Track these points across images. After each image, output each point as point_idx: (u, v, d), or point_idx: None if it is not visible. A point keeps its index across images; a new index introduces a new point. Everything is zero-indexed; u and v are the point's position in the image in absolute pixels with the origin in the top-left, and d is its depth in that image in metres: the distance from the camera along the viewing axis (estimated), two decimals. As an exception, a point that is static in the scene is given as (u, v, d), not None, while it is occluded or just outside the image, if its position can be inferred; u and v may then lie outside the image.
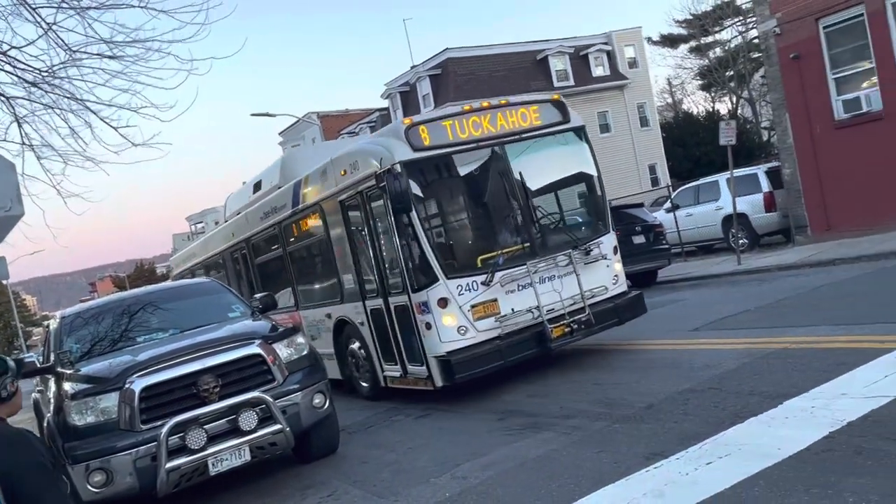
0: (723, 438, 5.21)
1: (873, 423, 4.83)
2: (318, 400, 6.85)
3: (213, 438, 6.14)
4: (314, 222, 10.14)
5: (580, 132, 9.04)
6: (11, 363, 3.18)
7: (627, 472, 5.03)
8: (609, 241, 8.90)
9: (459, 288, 7.86)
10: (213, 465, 6.10)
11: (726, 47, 42.02)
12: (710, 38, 42.69)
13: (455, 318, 7.83)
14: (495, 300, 8.00)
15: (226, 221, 14.41)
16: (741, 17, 40.43)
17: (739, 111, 43.39)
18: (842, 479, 4.17)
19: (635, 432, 5.81)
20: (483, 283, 7.92)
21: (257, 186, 12.98)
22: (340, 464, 7.17)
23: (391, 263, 8.41)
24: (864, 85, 14.08)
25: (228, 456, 6.18)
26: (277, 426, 6.36)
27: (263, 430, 6.31)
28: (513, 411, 7.29)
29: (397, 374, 8.70)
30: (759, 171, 17.74)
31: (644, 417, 6.09)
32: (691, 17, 42.50)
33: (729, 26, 41.74)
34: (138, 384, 6.08)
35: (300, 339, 7.14)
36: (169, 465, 5.91)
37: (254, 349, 6.55)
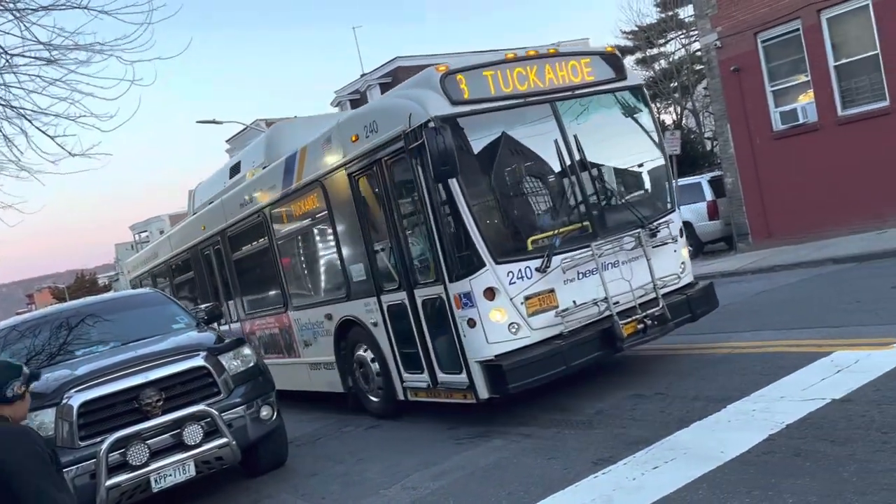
0: (668, 443, 5.31)
1: (811, 425, 4.98)
2: (265, 412, 6.74)
3: (156, 454, 5.98)
4: (313, 203, 8.58)
5: (638, 92, 7.76)
6: (26, 370, 3.38)
7: (576, 479, 5.08)
8: (676, 220, 7.65)
9: (510, 275, 6.45)
10: (155, 481, 5.93)
11: (671, 59, 43.05)
12: (655, 50, 43.66)
13: (505, 314, 6.42)
14: (552, 291, 6.60)
15: (193, 214, 12.65)
16: (684, 31, 41.51)
17: (684, 122, 44.47)
18: (782, 481, 4.27)
19: (584, 438, 5.87)
20: (538, 270, 6.52)
21: (235, 169, 11.28)
22: (289, 477, 7.06)
23: (419, 247, 7.05)
24: (801, 97, 14.58)
25: (172, 471, 6.02)
26: (223, 440, 6.24)
27: (209, 444, 6.18)
28: (463, 419, 7.27)
29: (423, 384, 7.25)
30: (703, 180, 18.18)
31: (593, 423, 6.16)
32: (637, 29, 43.41)
33: (673, 39, 42.78)
34: (76, 399, 5.89)
35: (246, 351, 7.01)
36: (109, 482, 5.74)
37: (198, 361, 6.42)
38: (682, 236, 7.67)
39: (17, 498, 2.95)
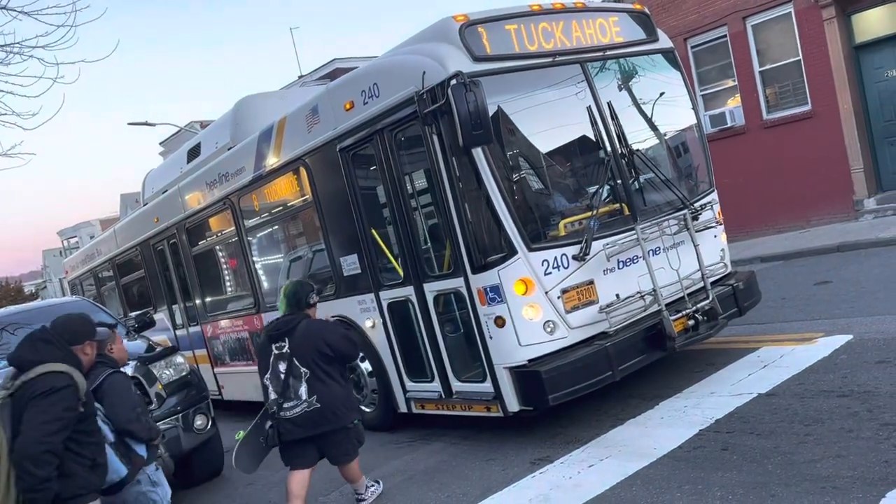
0: (604, 441, 5.41)
1: (738, 419, 5.14)
2: (199, 422, 6.60)
3: (83, 468, 5.76)
4: (293, 186, 7.58)
5: (671, 56, 6.95)
6: (314, 285, 5.42)
7: (514, 479, 5.13)
8: (715, 201, 6.93)
9: (545, 264, 5.57)
10: (83, 496, 5.71)
11: (606, 63, 43.92)
12: (590, 55, 44.45)
13: (539, 310, 5.53)
14: (591, 282, 5.78)
15: (144, 205, 11.55)
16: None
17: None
18: (710, 475, 4.40)
19: (522, 439, 5.92)
20: (575, 258, 5.69)
21: (194, 153, 10.11)
22: (225, 486, 6.92)
23: (431, 233, 6.23)
24: (729, 101, 15.05)
25: (101, 486, 5.81)
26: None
27: (140, 456, 5.99)
28: (404, 424, 7.24)
29: (433, 394, 6.37)
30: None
31: (530, 424, 6.20)
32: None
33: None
34: (-4, 414, 5.62)
35: (179, 359, 6.85)
36: (33, 499, 5.49)
37: (127, 371, 6.21)
38: (720, 219, 6.92)
39: (340, 358, 5.10)
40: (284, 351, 4.96)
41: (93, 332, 4.10)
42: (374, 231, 6.60)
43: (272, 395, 4.99)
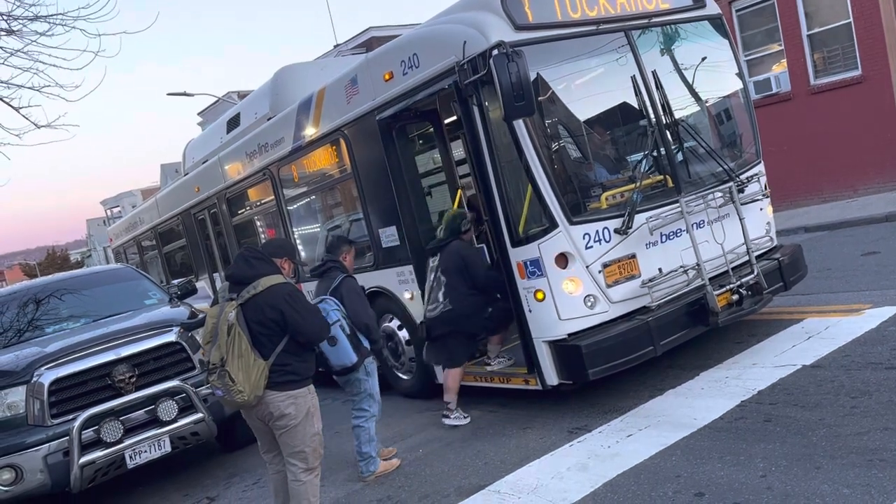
0: (643, 411, 5.37)
1: (781, 391, 5.06)
2: (241, 387, 6.69)
3: (130, 430, 5.95)
4: (332, 157, 7.56)
5: (719, 23, 6.69)
6: (468, 213, 6.01)
7: (552, 447, 5.13)
8: (762, 172, 6.75)
9: (586, 238, 5.47)
10: (130, 457, 5.89)
11: (646, 29, 42.92)
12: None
13: (580, 284, 5.46)
14: (633, 256, 5.68)
15: (185, 175, 11.65)
16: (660, 0, 41.29)
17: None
18: (752, 446, 4.35)
19: (559, 408, 5.92)
20: (617, 232, 5.57)
21: (233, 123, 10.19)
22: (266, 450, 7.03)
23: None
24: (774, 67, 14.61)
25: (147, 448, 5.98)
26: (198, 415, 6.20)
27: (184, 419, 6.16)
28: (441, 391, 7.28)
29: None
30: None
31: (568, 393, 6.19)
32: None
33: (648, 8, 42.58)
34: (47, 377, 5.82)
35: (221, 326, 6.95)
36: (83, 459, 5.69)
37: (171, 337, 6.36)
38: (767, 191, 6.72)
39: (474, 277, 5.90)
40: (436, 264, 5.99)
41: (292, 252, 4.81)
42: (413, 204, 6.56)
43: (425, 300, 6.08)
